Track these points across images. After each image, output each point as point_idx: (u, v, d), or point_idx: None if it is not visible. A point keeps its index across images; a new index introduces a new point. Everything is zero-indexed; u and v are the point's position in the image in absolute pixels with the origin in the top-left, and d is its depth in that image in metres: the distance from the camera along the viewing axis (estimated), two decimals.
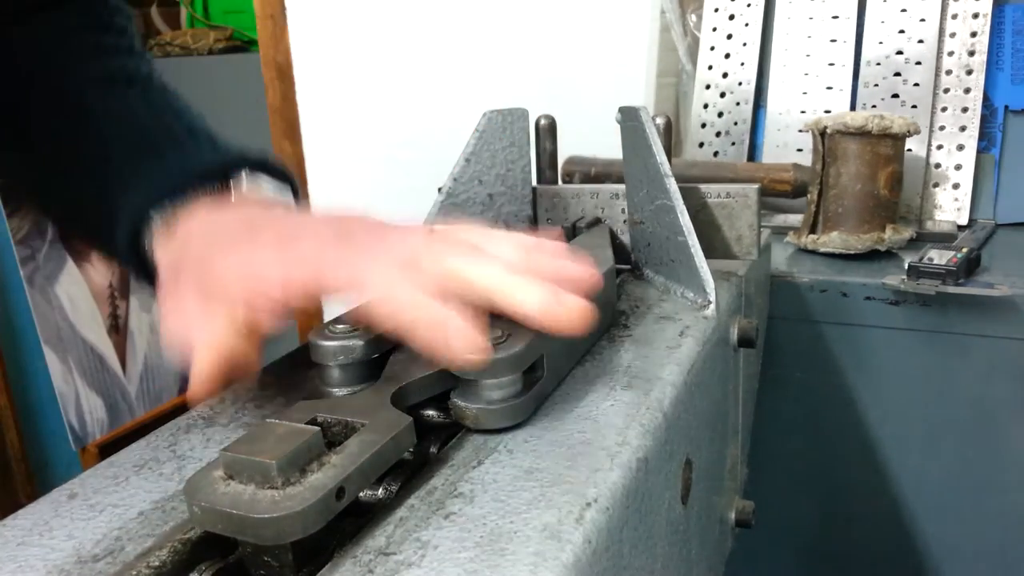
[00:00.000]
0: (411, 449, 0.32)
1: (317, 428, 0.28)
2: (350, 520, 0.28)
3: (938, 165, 0.84)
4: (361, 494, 0.30)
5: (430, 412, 0.36)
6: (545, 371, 0.35)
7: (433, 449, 0.33)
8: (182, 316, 0.37)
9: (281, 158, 0.51)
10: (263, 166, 0.49)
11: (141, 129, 0.51)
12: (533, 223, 0.60)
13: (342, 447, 0.28)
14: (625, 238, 0.58)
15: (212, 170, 0.47)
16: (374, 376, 0.36)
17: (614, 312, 0.46)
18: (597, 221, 0.54)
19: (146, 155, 0.49)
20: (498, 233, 0.38)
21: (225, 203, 0.45)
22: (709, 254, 0.57)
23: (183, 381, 1.97)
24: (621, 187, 0.57)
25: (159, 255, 0.45)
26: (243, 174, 0.48)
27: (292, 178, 0.51)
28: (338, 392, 0.36)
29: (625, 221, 0.58)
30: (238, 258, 0.37)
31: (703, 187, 0.58)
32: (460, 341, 0.31)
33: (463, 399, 0.33)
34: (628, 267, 0.57)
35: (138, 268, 0.47)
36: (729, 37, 0.94)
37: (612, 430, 0.34)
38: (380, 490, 0.30)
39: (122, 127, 0.51)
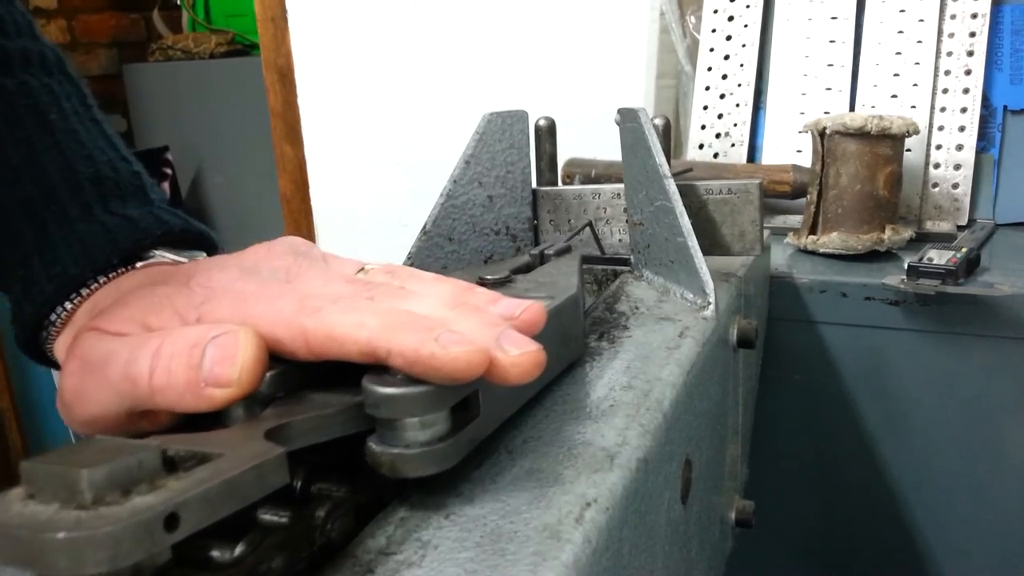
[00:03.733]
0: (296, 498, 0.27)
1: (156, 444, 0.23)
2: None
3: (937, 165, 0.84)
4: (216, 552, 0.24)
5: (324, 485, 0.29)
6: (481, 410, 0.30)
7: (320, 512, 0.27)
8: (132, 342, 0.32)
9: (194, 225, 0.45)
10: (169, 236, 0.42)
11: (39, 175, 0.42)
12: (534, 224, 0.61)
13: (188, 473, 0.23)
14: (626, 238, 0.59)
15: (111, 258, 0.40)
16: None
17: (581, 345, 0.41)
18: (567, 249, 0.50)
19: (41, 231, 0.41)
20: (426, 275, 0.35)
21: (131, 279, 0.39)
22: (712, 251, 0.57)
23: None
24: (623, 187, 0.57)
25: (59, 346, 0.40)
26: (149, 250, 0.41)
27: (205, 236, 0.44)
28: None
29: (627, 221, 0.58)
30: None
31: (704, 184, 0.58)
32: (456, 342, 0.27)
33: (378, 442, 0.28)
34: (627, 267, 0.57)
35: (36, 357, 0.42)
36: (728, 38, 0.94)
37: (612, 430, 0.34)
38: (239, 548, 0.24)
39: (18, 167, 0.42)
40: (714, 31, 0.95)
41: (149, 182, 0.45)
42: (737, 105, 0.93)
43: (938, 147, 0.84)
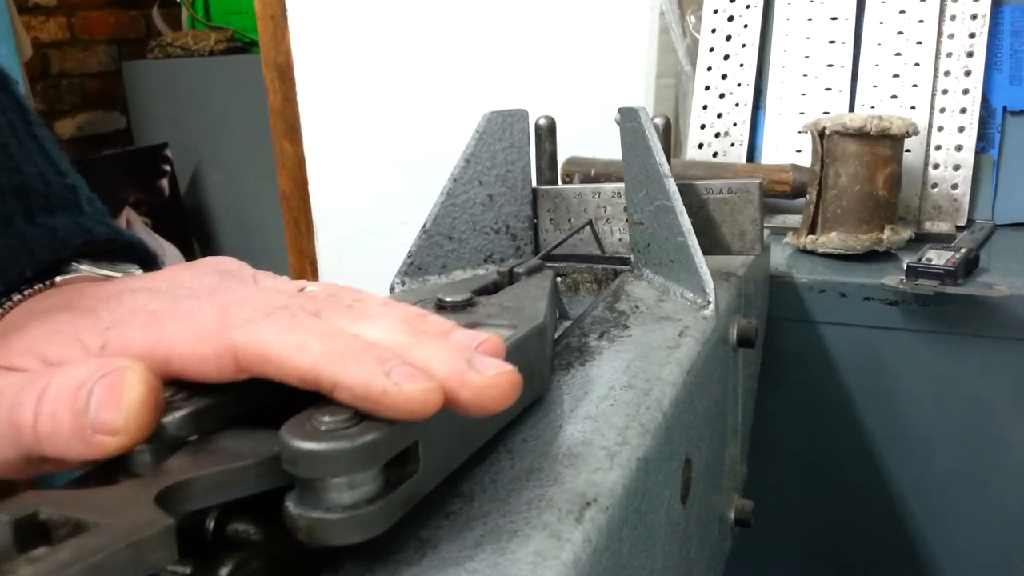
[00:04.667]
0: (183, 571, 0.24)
1: (6, 519, 0.20)
2: None
3: (936, 166, 0.84)
4: None
5: (243, 526, 0.26)
6: (422, 463, 0.26)
7: (225, 570, 0.24)
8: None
9: (133, 234, 0.41)
10: (93, 249, 0.38)
11: None
12: (534, 223, 0.61)
13: (49, 551, 0.20)
14: (626, 237, 0.59)
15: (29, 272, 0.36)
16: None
17: (545, 381, 0.37)
18: (539, 268, 0.46)
19: None
20: (374, 297, 0.32)
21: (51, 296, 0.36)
22: (712, 251, 0.57)
23: None
24: (623, 186, 0.58)
25: None
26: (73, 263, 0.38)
27: (138, 248, 0.41)
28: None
29: (627, 220, 0.58)
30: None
31: (704, 183, 0.58)
32: (410, 377, 0.24)
33: (296, 502, 0.24)
34: (628, 267, 0.57)
35: None
36: (728, 38, 0.94)
37: (612, 430, 0.34)
38: None
39: None
40: (714, 31, 0.95)
41: (87, 196, 0.42)
42: (737, 105, 0.93)
43: (937, 148, 0.84)
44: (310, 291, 0.31)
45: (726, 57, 0.94)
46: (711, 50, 0.95)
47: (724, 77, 0.94)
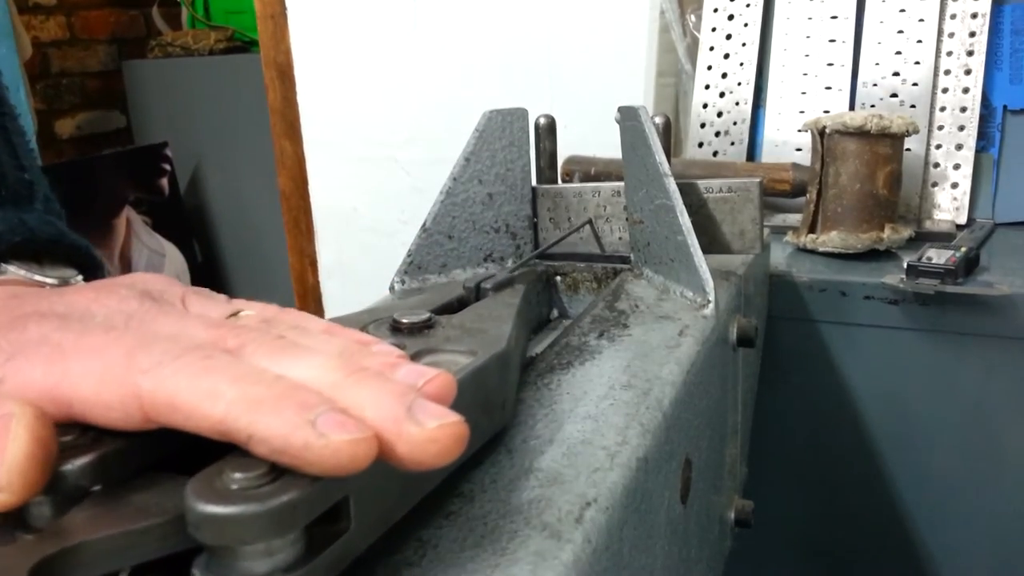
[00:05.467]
0: None
1: None
2: None
3: (937, 164, 0.84)
4: None
5: None
6: (354, 521, 0.23)
7: None
8: None
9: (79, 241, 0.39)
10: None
11: None
12: (534, 222, 0.61)
13: None
14: (626, 236, 0.59)
15: None
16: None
17: (509, 412, 0.34)
18: (509, 283, 0.43)
19: None
20: (314, 324, 0.29)
21: None
22: (711, 250, 0.57)
23: None
24: (623, 185, 0.57)
25: None
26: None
27: (82, 252, 0.38)
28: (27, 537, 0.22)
29: (627, 219, 0.58)
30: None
31: (704, 183, 0.58)
32: (338, 426, 0.21)
33: (204, 569, 0.21)
34: (627, 266, 0.57)
35: None
36: (728, 37, 0.94)
37: (612, 429, 0.34)
38: None
39: None
40: (714, 30, 0.94)
41: (44, 195, 0.40)
42: (737, 103, 0.93)
43: (938, 146, 0.84)
44: (244, 316, 0.29)
45: (726, 56, 0.94)
46: (711, 49, 0.95)
47: (724, 76, 0.94)
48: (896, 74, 0.86)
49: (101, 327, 0.27)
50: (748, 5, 0.93)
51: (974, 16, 0.83)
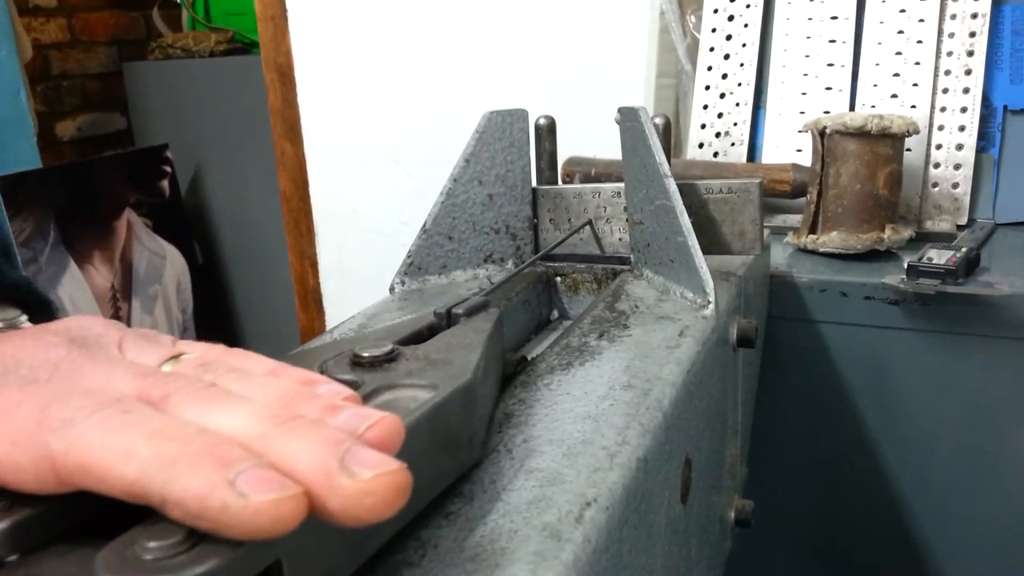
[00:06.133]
0: None
1: None
2: None
3: (937, 165, 0.84)
4: None
5: None
6: None
7: None
8: None
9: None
10: None
11: None
12: (534, 223, 0.61)
13: None
14: (626, 237, 0.59)
15: None
16: None
17: (477, 448, 0.31)
18: (483, 306, 0.40)
19: None
20: (256, 365, 0.27)
21: None
22: (711, 250, 0.57)
23: None
24: (623, 186, 0.58)
25: None
26: None
27: (24, 291, 0.36)
28: None
29: (627, 220, 0.58)
30: None
31: (704, 183, 0.58)
32: (261, 484, 0.19)
33: None
34: (627, 266, 0.57)
35: None
36: (728, 38, 0.94)
37: (612, 429, 0.34)
38: None
39: None
40: (714, 30, 0.95)
41: None
42: (737, 104, 0.93)
43: (938, 147, 0.84)
44: (185, 360, 0.27)
45: (726, 56, 0.94)
46: (711, 49, 0.95)
47: (724, 77, 0.94)
48: (896, 75, 0.86)
49: (19, 381, 0.25)
50: (748, 6, 0.93)
51: (974, 16, 0.83)
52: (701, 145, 0.94)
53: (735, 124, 0.93)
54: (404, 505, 0.21)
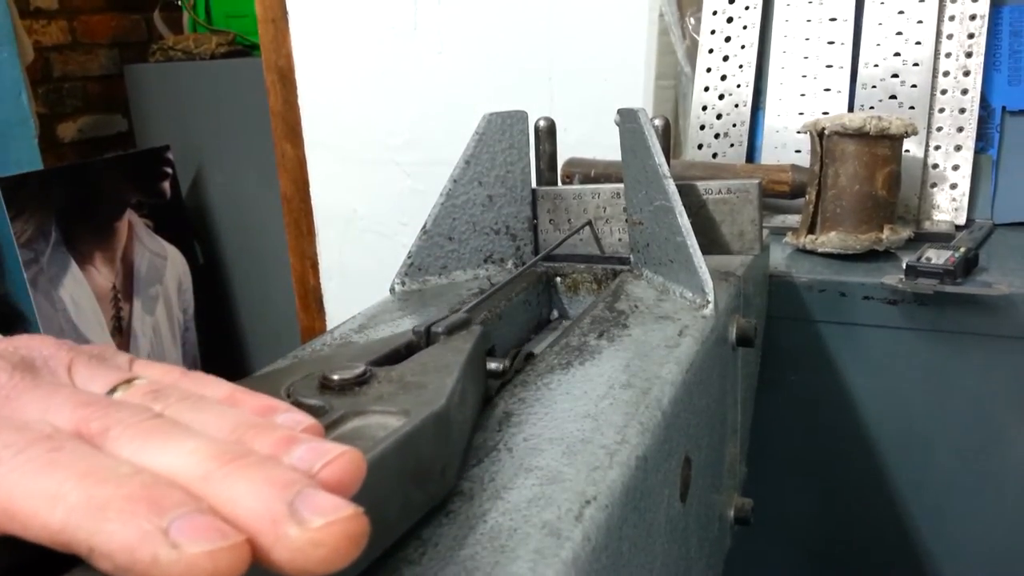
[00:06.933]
0: None
1: None
2: None
3: (936, 166, 0.84)
4: None
5: None
6: None
7: None
8: None
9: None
10: None
11: None
12: (534, 224, 0.61)
13: None
14: (626, 237, 0.59)
15: None
16: None
17: (450, 478, 0.29)
18: (464, 324, 0.38)
19: None
20: (212, 392, 0.25)
21: None
22: (711, 250, 0.58)
23: None
24: (623, 186, 0.58)
25: None
26: None
27: None
28: None
29: (627, 220, 0.58)
30: None
31: (703, 184, 0.59)
32: (197, 533, 0.18)
33: None
34: (627, 267, 0.57)
35: None
36: (728, 40, 0.94)
37: (611, 428, 0.34)
38: None
39: None
40: (713, 32, 0.95)
41: None
42: (736, 106, 0.93)
43: (936, 147, 0.84)
44: (137, 384, 0.25)
45: (725, 58, 0.94)
46: (710, 51, 0.95)
47: (724, 78, 0.94)
48: (895, 76, 0.86)
49: None
50: (747, 7, 0.93)
51: (973, 18, 0.84)
52: (700, 146, 0.94)
53: (734, 125, 0.93)
54: (363, 550, 0.19)
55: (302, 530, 0.18)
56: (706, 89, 0.95)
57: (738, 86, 0.93)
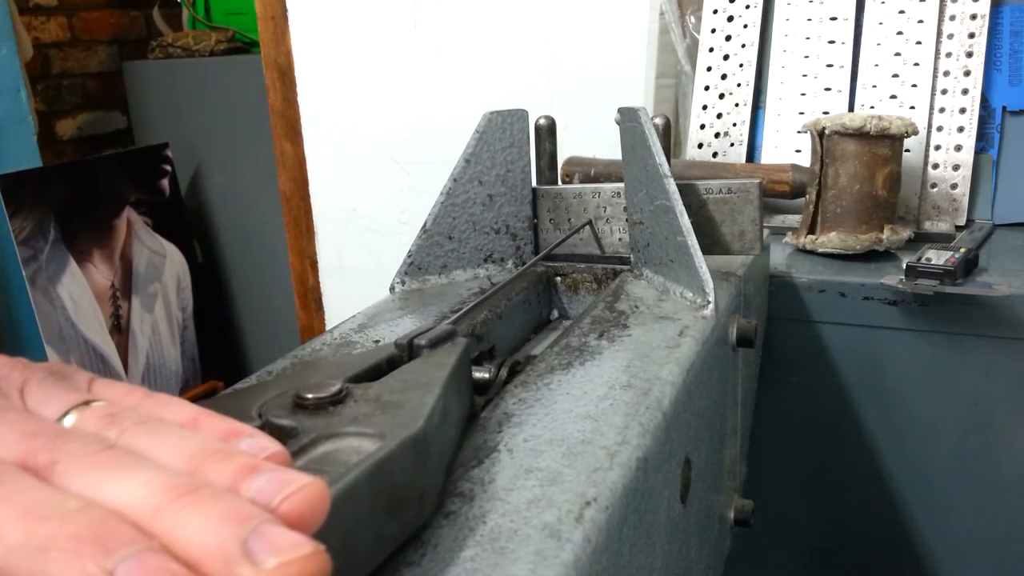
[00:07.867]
0: None
1: None
2: None
3: (936, 166, 0.84)
4: None
5: None
6: None
7: None
8: None
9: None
10: None
11: None
12: (534, 223, 0.61)
13: None
14: (626, 237, 0.59)
15: None
16: None
17: (429, 506, 0.28)
18: (448, 336, 0.36)
19: None
20: (174, 415, 0.24)
21: None
22: (711, 250, 0.58)
23: (184, 382, 1.98)
24: (623, 186, 0.58)
25: None
26: None
27: None
28: None
29: (627, 220, 0.58)
30: None
31: (704, 184, 0.59)
32: (144, 571, 0.17)
33: None
34: (627, 266, 0.57)
35: None
36: (728, 39, 0.94)
37: (612, 429, 0.34)
38: None
39: None
40: (714, 31, 0.95)
41: None
42: (736, 105, 0.93)
43: (937, 147, 0.84)
44: (94, 407, 0.23)
45: (726, 57, 0.94)
46: (711, 50, 0.95)
47: (724, 77, 0.94)
48: (895, 75, 0.86)
49: None
50: (748, 6, 0.93)
51: (973, 17, 0.84)
52: (701, 145, 0.94)
53: (734, 124, 0.93)
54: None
55: (255, 571, 0.17)
56: (706, 88, 0.94)
57: (738, 85, 0.93)
